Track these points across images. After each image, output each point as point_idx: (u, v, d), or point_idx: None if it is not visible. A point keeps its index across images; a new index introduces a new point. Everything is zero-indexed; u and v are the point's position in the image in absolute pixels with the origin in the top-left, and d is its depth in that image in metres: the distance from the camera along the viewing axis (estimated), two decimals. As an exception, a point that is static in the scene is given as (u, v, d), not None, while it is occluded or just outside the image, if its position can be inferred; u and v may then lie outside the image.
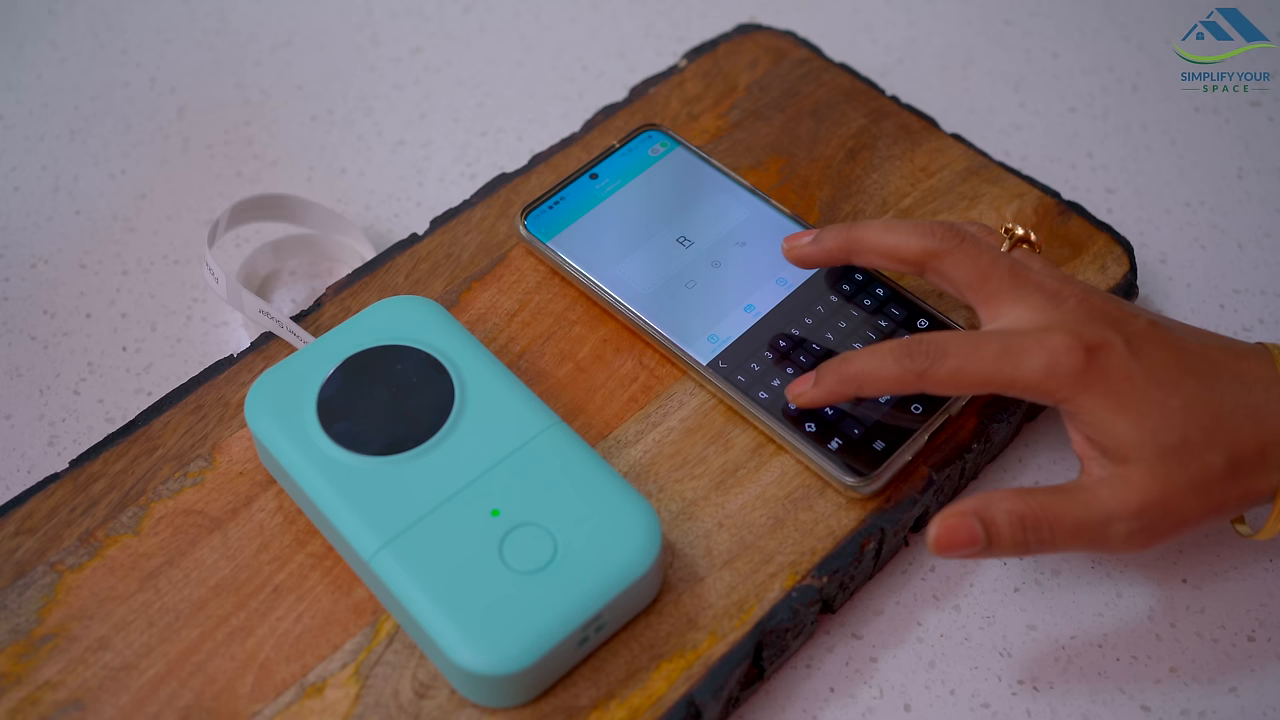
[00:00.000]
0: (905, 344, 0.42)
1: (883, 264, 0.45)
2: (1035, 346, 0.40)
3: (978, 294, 0.43)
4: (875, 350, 0.42)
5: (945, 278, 0.44)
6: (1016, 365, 0.40)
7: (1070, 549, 0.40)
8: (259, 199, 0.53)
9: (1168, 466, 0.39)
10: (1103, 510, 0.39)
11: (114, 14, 0.68)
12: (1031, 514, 0.39)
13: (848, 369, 0.42)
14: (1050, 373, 0.40)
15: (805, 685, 0.43)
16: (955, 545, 0.39)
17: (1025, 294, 0.42)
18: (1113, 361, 0.40)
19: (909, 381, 0.41)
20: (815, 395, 0.43)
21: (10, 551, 0.43)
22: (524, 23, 0.68)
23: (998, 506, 0.39)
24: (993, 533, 0.39)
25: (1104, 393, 0.40)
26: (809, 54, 0.59)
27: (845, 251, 0.45)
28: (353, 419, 0.43)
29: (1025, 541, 0.39)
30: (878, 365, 0.42)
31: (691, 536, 0.43)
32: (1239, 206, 0.59)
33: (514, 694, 0.39)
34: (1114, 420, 0.40)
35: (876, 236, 0.45)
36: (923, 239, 0.44)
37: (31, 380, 0.53)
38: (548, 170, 0.54)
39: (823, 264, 0.46)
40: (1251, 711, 0.43)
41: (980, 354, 0.41)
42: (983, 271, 0.43)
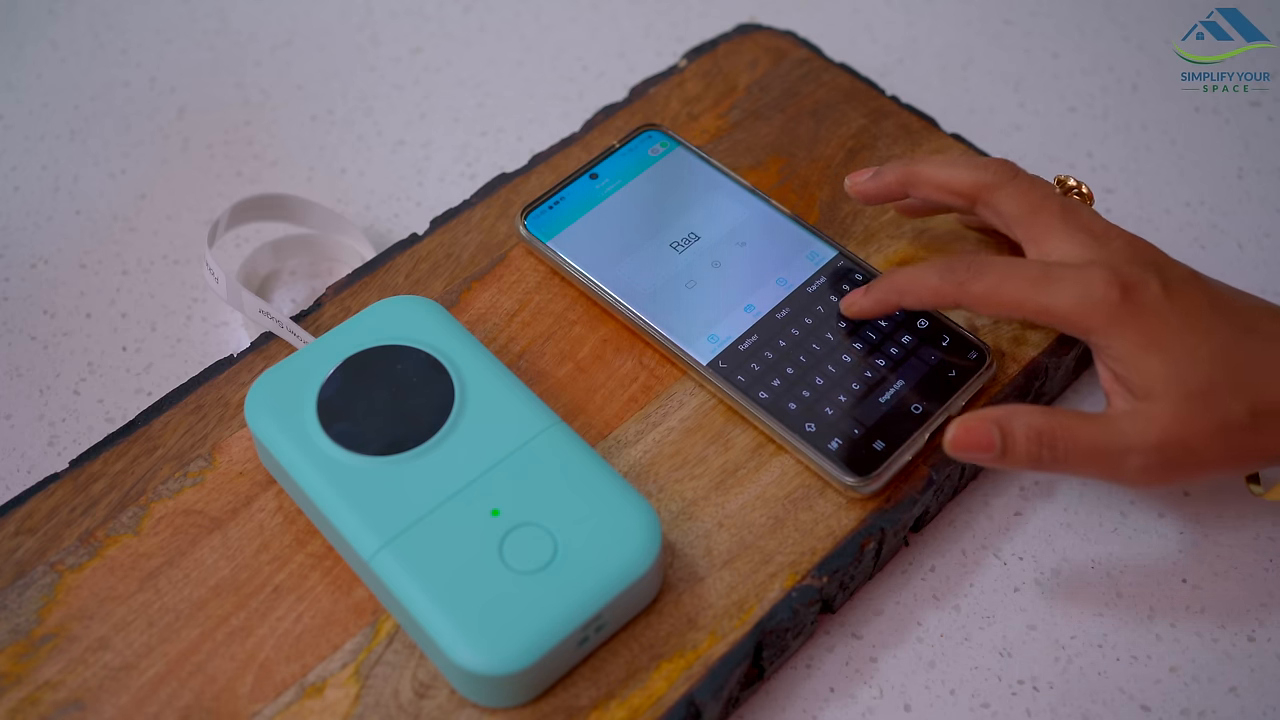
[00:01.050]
0: (949, 260, 0.43)
1: (938, 196, 0.47)
2: (1073, 277, 0.41)
3: (1026, 229, 0.44)
4: (921, 264, 0.44)
5: (996, 211, 0.45)
6: (1052, 292, 0.41)
7: (1082, 473, 0.41)
8: (259, 199, 0.53)
9: (1191, 407, 0.40)
10: (1121, 440, 0.40)
11: (114, 14, 0.68)
12: (1050, 430, 0.40)
13: (894, 280, 0.44)
14: (1083, 303, 0.41)
15: (805, 685, 0.43)
16: (970, 447, 0.40)
17: (1072, 232, 0.43)
18: (1147, 301, 0.41)
19: (947, 293, 0.43)
20: (865, 303, 0.45)
21: (10, 551, 0.43)
22: (524, 23, 0.68)
23: (1019, 418, 0.40)
24: (1009, 442, 0.40)
25: (1135, 329, 0.41)
26: (809, 54, 0.59)
27: (903, 185, 0.47)
28: (353, 419, 0.43)
29: (1039, 456, 0.40)
30: (921, 275, 0.44)
31: (691, 536, 0.43)
32: (1239, 206, 0.59)
33: (514, 694, 0.39)
34: (1143, 357, 0.40)
35: (933, 170, 0.46)
36: (976, 172, 0.45)
37: (31, 380, 0.53)
38: (548, 170, 0.54)
39: (882, 199, 0.48)
40: (1251, 711, 0.43)
41: (1019, 276, 0.42)
42: (1033, 206, 0.44)
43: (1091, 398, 0.51)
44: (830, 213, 0.53)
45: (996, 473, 0.48)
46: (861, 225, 0.52)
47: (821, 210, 0.53)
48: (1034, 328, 0.48)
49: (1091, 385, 0.51)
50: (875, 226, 0.52)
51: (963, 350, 0.47)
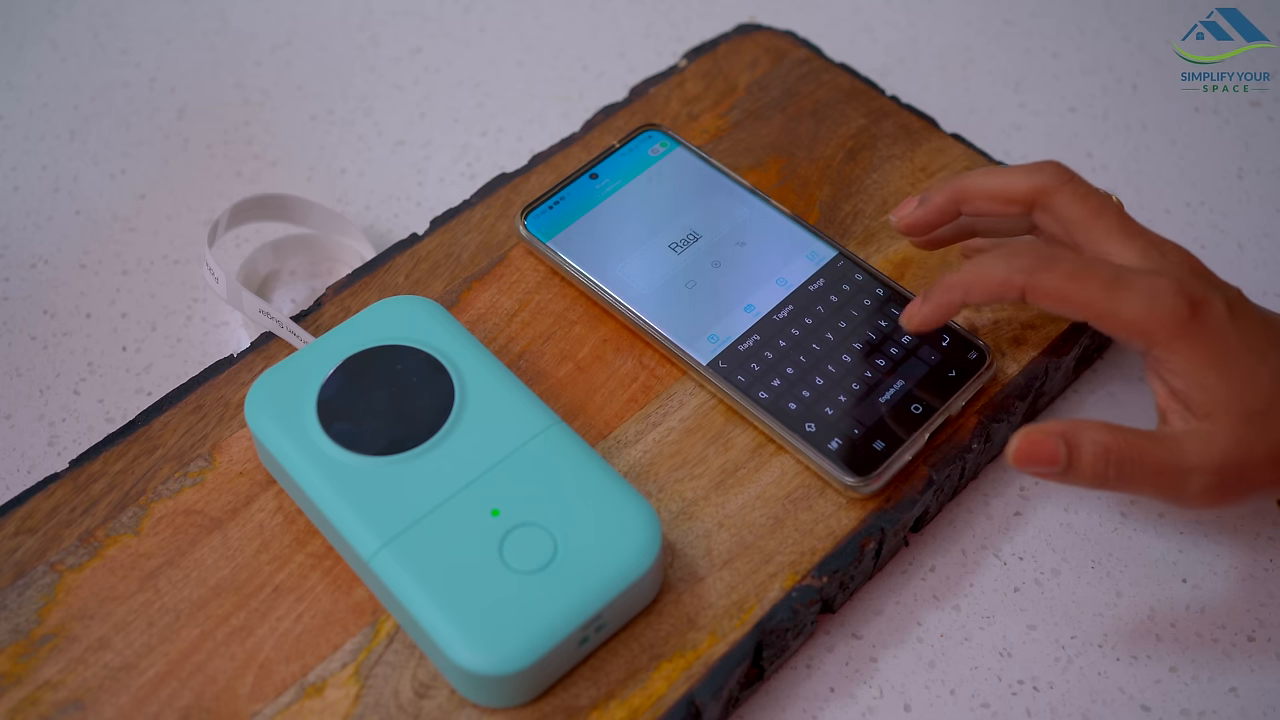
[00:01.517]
0: (1018, 247, 0.42)
1: (993, 208, 0.45)
2: (1144, 285, 0.40)
3: (1087, 232, 0.43)
4: (983, 257, 0.42)
5: (1055, 215, 0.44)
6: (1122, 298, 0.40)
7: (1145, 493, 0.40)
8: (259, 199, 0.53)
9: (1250, 430, 0.40)
10: (1186, 461, 0.40)
11: (114, 14, 0.68)
12: (1118, 449, 0.39)
13: (954, 277, 0.42)
14: (1152, 313, 0.40)
15: (805, 685, 0.43)
16: (1035, 461, 0.40)
17: (1133, 238, 0.43)
18: (1213, 318, 0.40)
19: (1015, 283, 0.41)
20: (926, 312, 0.43)
21: (10, 551, 0.43)
22: (524, 23, 0.68)
23: (1086, 434, 0.40)
24: (1075, 458, 0.39)
25: (1200, 345, 0.40)
26: (809, 54, 0.59)
27: (954, 202, 0.46)
28: (353, 419, 0.43)
29: (1105, 475, 0.40)
30: (986, 269, 0.42)
31: (691, 536, 0.43)
32: (1239, 206, 0.59)
33: (514, 694, 0.39)
34: (1206, 374, 0.40)
35: (984, 181, 0.45)
36: (1032, 177, 0.44)
37: (31, 380, 0.53)
38: (548, 170, 0.54)
39: (936, 224, 0.46)
40: (1251, 711, 0.43)
41: (1090, 276, 0.41)
42: (1094, 209, 0.43)
43: (1092, 397, 0.51)
44: (830, 213, 0.53)
45: (996, 473, 0.48)
46: (861, 225, 0.52)
47: (821, 210, 0.53)
48: (1035, 327, 0.48)
49: (1091, 385, 0.51)
50: (875, 226, 0.52)
51: (963, 350, 0.47)
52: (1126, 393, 0.51)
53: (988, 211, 0.45)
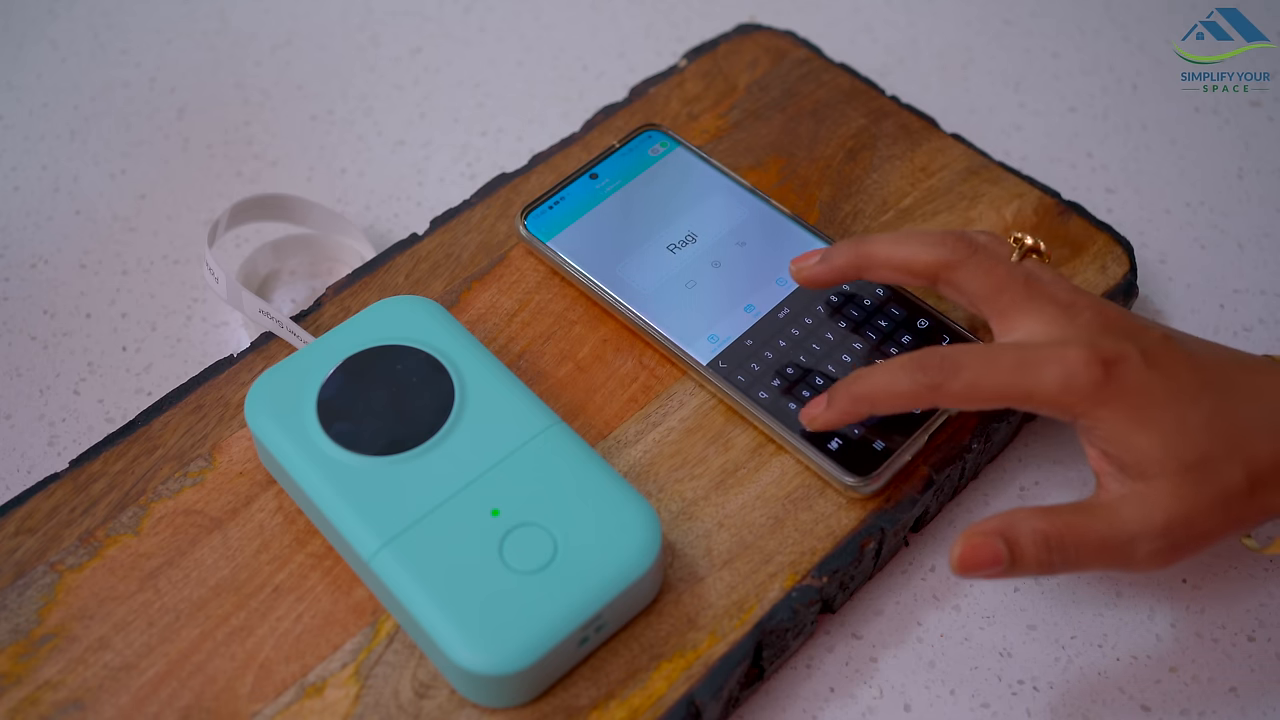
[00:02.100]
0: (917, 359, 0.41)
1: (894, 279, 0.44)
2: (1052, 359, 0.39)
3: (991, 306, 0.43)
4: (887, 366, 0.41)
5: (958, 289, 0.43)
6: (1033, 378, 0.39)
7: (1093, 569, 0.39)
8: (259, 199, 0.53)
9: (1190, 483, 0.39)
10: (1126, 530, 0.39)
11: (114, 14, 0.68)
12: (1056, 533, 0.39)
13: (859, 388, 0.42)
14: (1067, 386, 0.39)
15: (805, 685, 0.43)
16: (979, 565, 0.38)
17: (1040, 306, 0.42)
18: (1130, 375, 0.39)
19: (923, 396, 0.40)
20: (829, 417, 0.42)
21: (10, 551, 0.43)
22: (524, 23, 0.68)
23: (1022, 525, 0.39)
24: (1016, 553, 0.38)
25: (1122, 407, 0.39)
26: (809, 54, 0.59)
27: (855, 268, 0.45)
28: (353, 419, 0.43)
29: (1050, 562, 0.39)
30: (890, 382, 0.41)
31: (691, 536, 0.43)
32: (1239, 206, 0.59)
33: (514, 694, 0.39)
34: (1134, 435, 0.39)
35: (887, 250, 0.44)
36: (934, 250, 0.43)
37: (31, 380, 0.53)
38: (548, 170, 0.54)
39: (833, 283, 0.46)
40: (1251, 711, 0.43)
41: (995, 367, 0.40)
42: (997, 283, 0.42)
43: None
44: (830, 213, 0.53)
45: (996, 473, 0.48)
46: (861, 225, 0.52)
47: (821, 210, 0.53)
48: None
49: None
50: (875, 227, 0.52)
51: (963, 350, 0.47)
52: (1126, 393, 0.51)
53: (890, 281, 0.45)
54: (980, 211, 0.52)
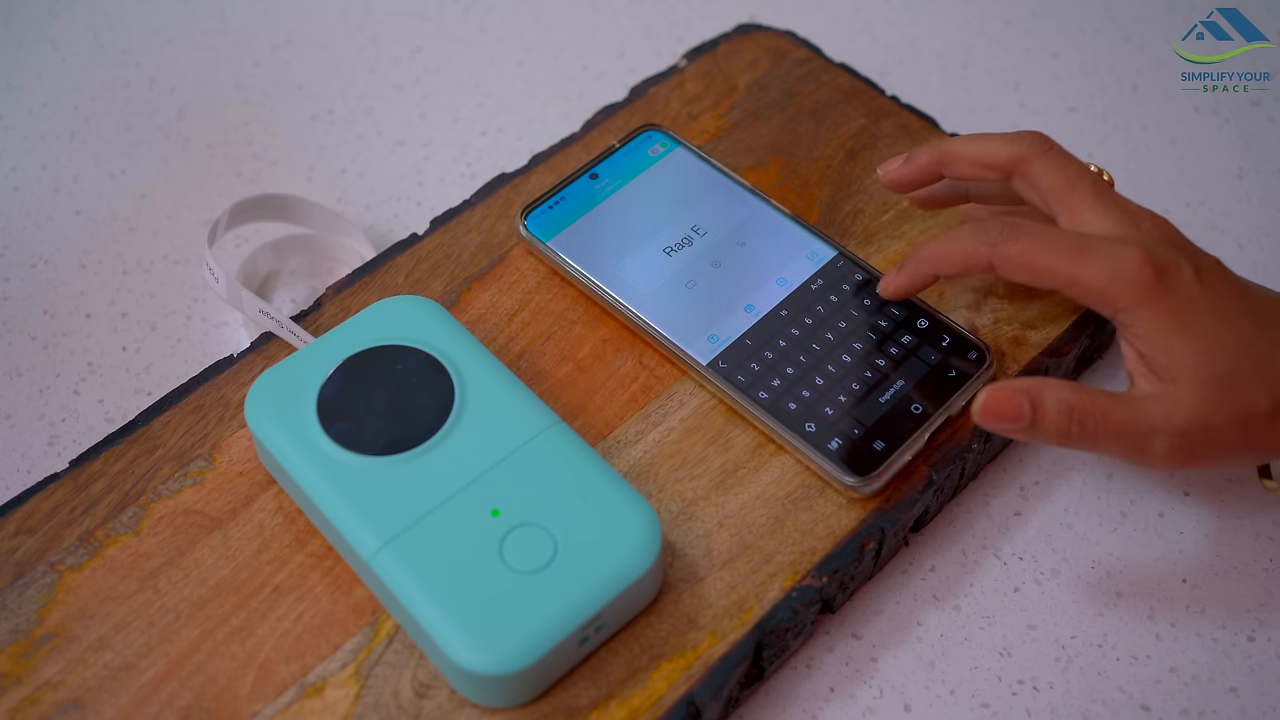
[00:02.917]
0: (984, 221, 0.43)
1: (973, 173, 0.46)
2: (1108, 252, 0.41)
3: (1062, 201, 0.44)
4: (954, 230, 0.44)
5: (1032, 183, 0.45)
6: (1086, 264, 0.41)
7: (1109, 451, 0.41)
8: (259, 199, 0.53)
9: (1215, 393, 0.40)
10: (1148, 421, 0.40)
11: (114, 14, 0.68)
12: (1081, 407, 0.40)
13: (926, 250, 0.44)
14: (1116, 279, 0.41)
15: (805, 685, 0.43)
16: (1001, 417, 0.40)
17: (1108, 207, 0.43)
18: (1179, 283, 0.41)
19: (981, 254, 0.43)
20: (900, 281, 0.45)
21: (10, 551, 0.43)
22: (524, 23, 0.68)
23: (1050, 392, 0.40)
24: (1039, 415, 0.40)
25: (1165, 311, 0.41)
26: (809, 54, 0.59)
27: (937, 165, 0.47)
28: (353, 419, 0.43)
29: (1069, 432, 0.40)
30: (955, 240, 0.44)
31: (691, 536, 0.43)
32: (1239, 206, 0.59)
33: (514, 694, 0.39)
34: (1171, 339, 0.40)
35: (967, 146, 0.46)
36: (1012, 145, 0.45)
37: (31, 380, 0.53)
38: (548, 170, 0.54)
39: (917, 183, 0.48)
40: (1251, 711, 0.43)
41: (1055, 244, 0.42)
42: (1069, 180, 0.44)
43: (1091, 398, 0.51)
44: (830, 213, 0.53)
45: (996, 473, 0.48)
46: (861, 225, 0.52)
47: (821, 210, 0.53)
48: (1035, 327, 0.48)
49: (1093, 385, 0.51)
50: (875, 227, 0.52)
51: (963, 350, 0.47)
52: (1126, 393, 0.51)
53: (968, 176, 0.47)
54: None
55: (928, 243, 0.44)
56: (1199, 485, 0.48)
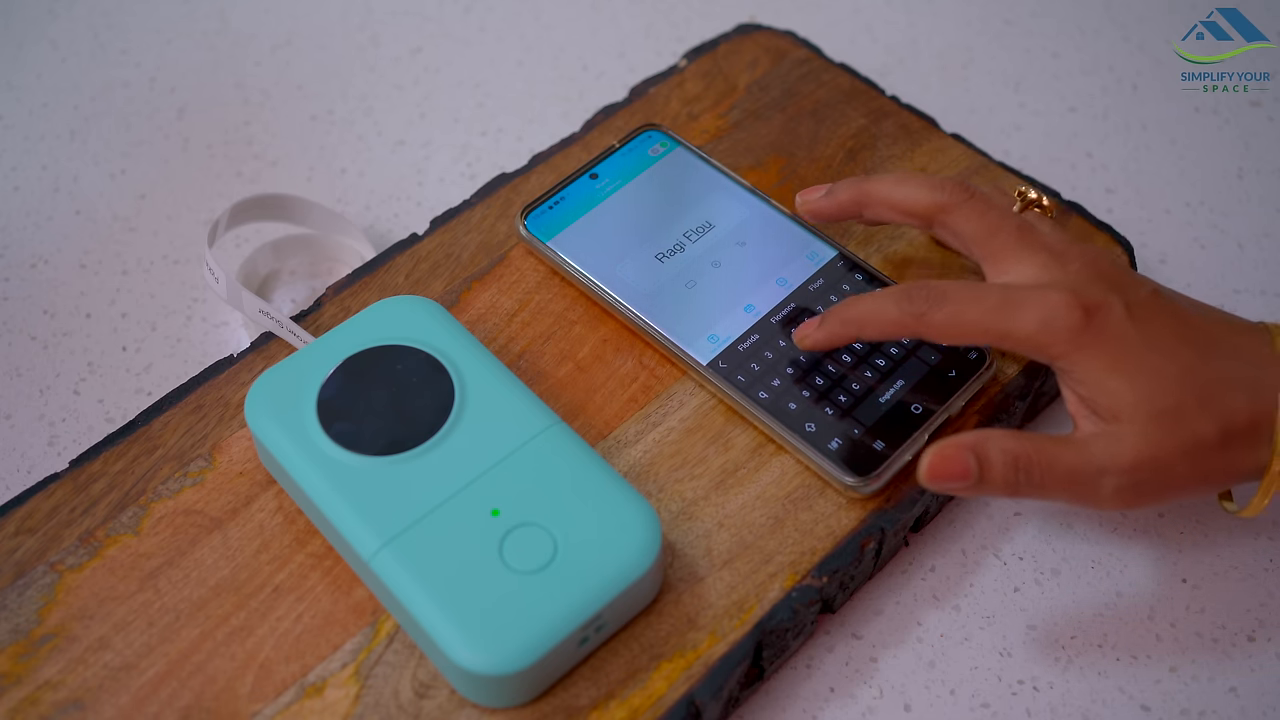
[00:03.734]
0: (906, 288, 0.42)
1: (892, 217, 0.46)
2: (1034, 301, 0.41)
3: (983, 249, 0.44)
4: (878, 294, 0.43)
5: (952, 232, 0.45)
6: (1013, 317, 0.41)
7: (1058, 498, 0.40)
8: (259, 199, 0.53)
9: (1160, 429, 0.39)
10: (1094, 463, 0.40)
11: (114, 14, 0.68)
12: (1026, 456, 0.40)
13: (849, 311, 0.43)
14: (1046, 327, 0.40)
15: (805, 685, 0.43)
16: (947, 476, 0.40)
17: (1031, 252, 0.43)
18: (1110, 323, 0.40)
19: (907, 324, 0.42)
20: (819, 337, 0.44)
21: (10, 551, 0.43)
22: (524, 23, 0.68)
23: (994, 444, 0.40)
24: (985, 470, 0.40)
25: (1099, 353, 0.40)
26: (809, 54, 0.59)
27: (856, 204, 0.47)
28: (353, 419, 0.43)
29: (1016, 482, 0.40)
30: (878, 308, 0.42)
31: (691, 536, 0.43)
32: (1239, 206, 0.59)
33: (514, 694, 0.39)
34: (1108, 380, 0.40)
35: (886, 190, 0.46)
36: (932, 193, 0.45)
37: (31, 380, 0.53)
38: (548, 170, 0.54)
39: (835, 217, 0.47)
40: (1251, 711, 0.43)
41: (979, 303, 0.41)
42: (990, 227, 0.44)
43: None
44: (830, 213, 0.53)
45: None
46: (861, 225, 0.52)
47: (821, 210, 0.53)
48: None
49: (1091, 385, 0.51)
50: (875, 227, 0.52)
51: (963, 350, 0.47)
52: (1126, 393, 0.51)
53: (887, 220, 0.47)
54: (980, 211, 0.52)
55: (851, 302, 0.43)
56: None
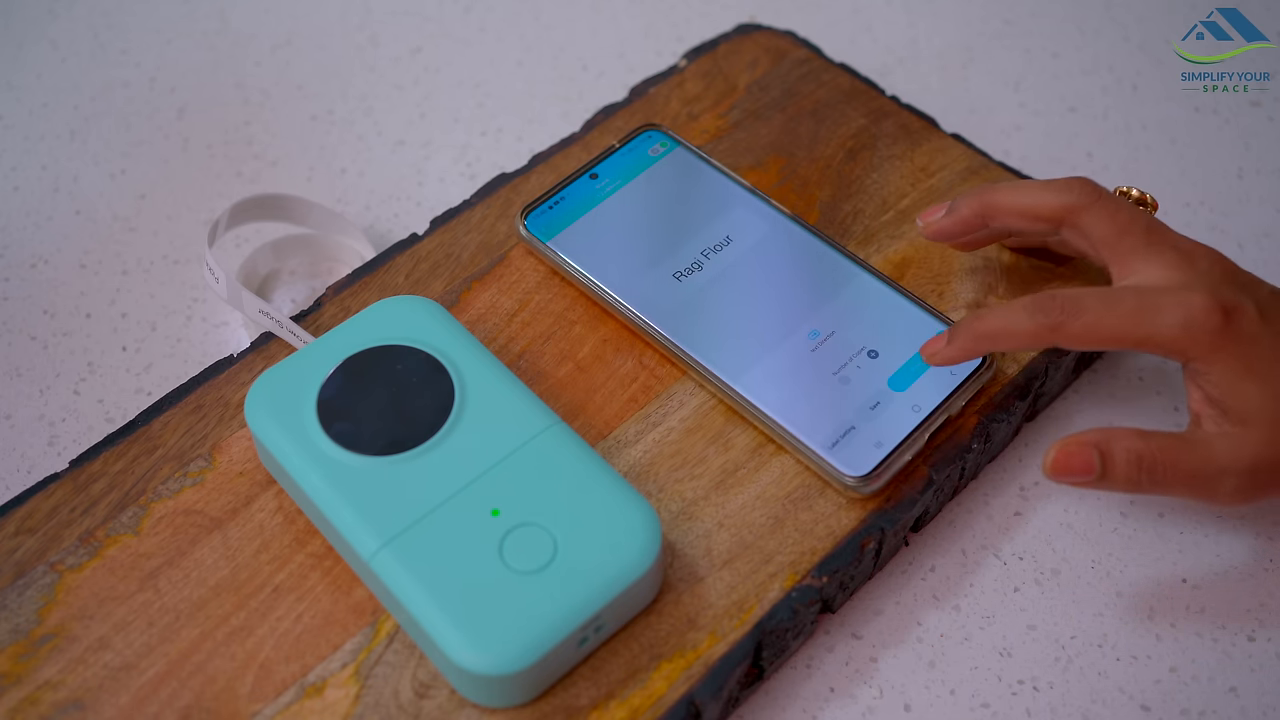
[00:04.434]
0: (1039, 300, 0.42)
1: (1020, 225, 0.46)
2: (1174, 304, 0.41)
3: (1113, 250, 0.44)
4: (1009, 306, 0.42)
5: (1083, 233, 0.44)
6: (1153, 322, 0.41)
7: (1179, 495, 0.41)
8: (259, 199, 0.53)
9: None
10: (1217, 464, 0.40)
11: (114, 14, 0.68)
12: (1150, 456, 0.40)
13: (981, 326, 0.43)
14: (1187, 331, 0.41)
15: (805, 685, 0.43)
16: (1071, 471, 0.40)
17: (1161, 251, 0.43)
18: (1245, 326, 0.41)
19: (1043, 336, 0.42)
20: (949, 353, 0.44)
21: (10, 551, 0.43)
22: (524, 23, 0.68)
23: (1118, 443, 0.40)
24: (1109, 466, 0.40)
25: (1235, 355, 0.41)
26: (809, 54, 0.59)
27: (980, 217, 0.46)
28: (353, 419, 0.43)
29: (1138, 480, 0.40)
30: (1011, 321, 0.42)
31: (691, 536, 0.43)
32: (1239, 206, 0.59)
33: (514, 694, 0.39)
34: (1241, 383, 0.41)
35: (1012, 197, 0.45)
36: (1060, 195, 0.44)
37: (31, 380, 0.53)
38: (548, 170, 0.54)
39: (960, 234, 0.47)
40: (1251, 711, 0.43)
41: (1117, 310, 0.41)
42: (1121, 227, 0.44)
43: (1092, 397, 0.51)
44: (830, 213, 0.53)
45: (997, 473, 0.48)
46: (861, 226, 0.52)
47: (821, 210, 0.53)
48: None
49: (1093, 385, 0.51)
50: (875, 227, 0.52)
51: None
52: (1126, 392, 0.51)
53: (1015, 228, 0.46)
54: (980, 211, 0.52)
55: (982, 316, 0.43)
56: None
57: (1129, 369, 0.52)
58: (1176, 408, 0.50)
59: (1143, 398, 0.51)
